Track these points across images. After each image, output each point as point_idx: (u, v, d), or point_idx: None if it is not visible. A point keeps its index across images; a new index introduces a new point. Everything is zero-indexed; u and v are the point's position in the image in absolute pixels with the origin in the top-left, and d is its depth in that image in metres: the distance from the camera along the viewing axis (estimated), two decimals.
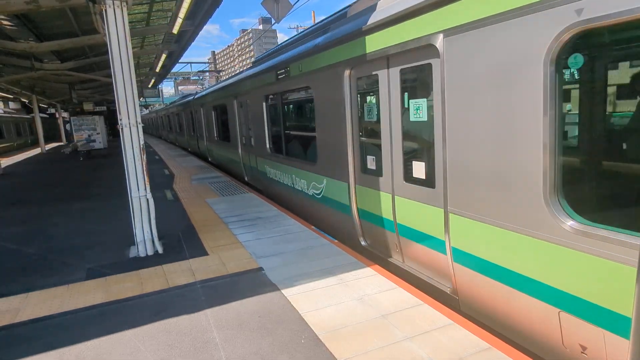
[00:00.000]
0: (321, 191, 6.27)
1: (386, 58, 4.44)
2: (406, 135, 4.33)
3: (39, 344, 3.39)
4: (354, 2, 5.74)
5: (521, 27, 2.86)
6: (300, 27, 38.73)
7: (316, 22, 7.93)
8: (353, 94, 5.21)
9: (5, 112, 31.54)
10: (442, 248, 3.88)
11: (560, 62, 2.70)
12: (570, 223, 2.69)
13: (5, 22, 10.67)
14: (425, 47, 3.82)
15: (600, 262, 2.52)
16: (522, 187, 2.98)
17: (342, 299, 3.85)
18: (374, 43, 4.52)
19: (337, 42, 5.31)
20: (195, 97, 18.05)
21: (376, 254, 5.13)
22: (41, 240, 6.44)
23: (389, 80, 4.47)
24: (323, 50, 5.71)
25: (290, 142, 7.81)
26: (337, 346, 3.10)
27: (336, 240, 5.53)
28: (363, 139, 5.16)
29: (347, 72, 5.19)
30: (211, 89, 15.37)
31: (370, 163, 5.01)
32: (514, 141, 3.02)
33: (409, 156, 4.31)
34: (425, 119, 4.01)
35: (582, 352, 2.76)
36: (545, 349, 3.05)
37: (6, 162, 20.43)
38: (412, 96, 4.21)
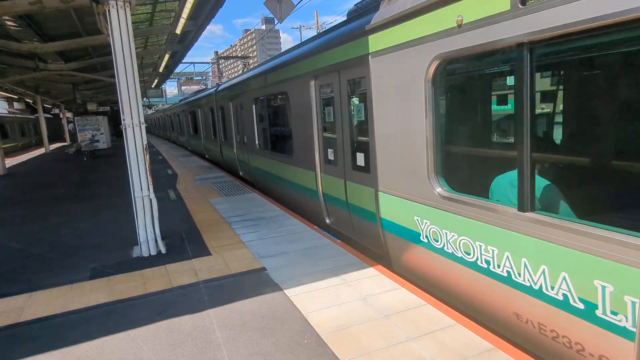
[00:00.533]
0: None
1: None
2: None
3: (43, 343, 3.40)
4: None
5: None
6: (304, 27, 38.74)
7: (319, 24, 8.00)
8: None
9: (9, 112, 31.71)
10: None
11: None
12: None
13: (9, 23, 10.73)
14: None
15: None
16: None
17: (345, 299, 3.85)
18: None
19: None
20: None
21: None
22: (45, 240, 6.47)
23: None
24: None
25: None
26: (340, 346, 3.10)
27: (339, 241, 5.52)
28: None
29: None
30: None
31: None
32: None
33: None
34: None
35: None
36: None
37: (11, 162, 20.53)
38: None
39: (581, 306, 2.62)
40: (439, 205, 3.78)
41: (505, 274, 3.16)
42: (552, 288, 2.79)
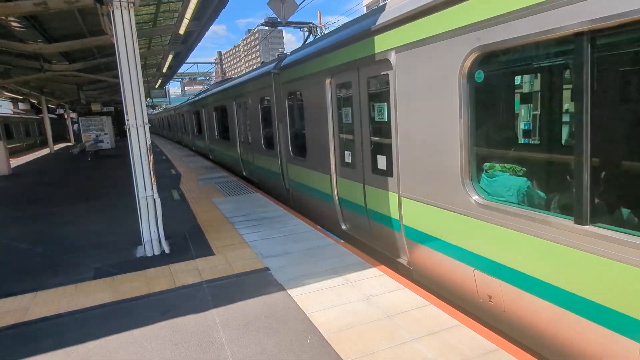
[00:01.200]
0: None
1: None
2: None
3: (48, 342, 3.42)
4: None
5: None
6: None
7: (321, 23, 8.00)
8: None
9: (14, 112, 31.91)
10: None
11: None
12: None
13: (14, 24, 10.80)
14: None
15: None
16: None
17: (348, 300, 3.84)
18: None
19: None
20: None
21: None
22: (50, 239, 6.50)
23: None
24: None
25: None
26: (343, 347, 3.10)
27: (342, 241, 5.52)
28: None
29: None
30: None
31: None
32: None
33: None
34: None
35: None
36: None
37: (16, 162, 20.66)
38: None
39: None
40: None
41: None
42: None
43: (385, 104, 4.61)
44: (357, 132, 5.27)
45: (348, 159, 5.63)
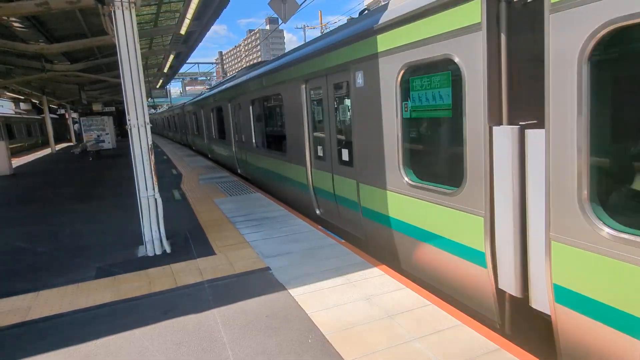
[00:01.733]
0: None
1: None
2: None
3: (50, 342, 3.43)
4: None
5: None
6: (308, 27, 38.79)
7: (322, 23, 8.05)
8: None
9: (16, 112, 31.97)
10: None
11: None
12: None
13: (16, 24, 10.82)
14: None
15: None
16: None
17: (349, 299, 3.85)
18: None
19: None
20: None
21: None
22: (51, 239, 6.52)
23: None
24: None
25: None
26: (345, 346, 3.10)
27: (343, 240, 5.53)
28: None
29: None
30: None
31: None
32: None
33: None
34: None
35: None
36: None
37: (17, 162, 20.71)
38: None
39: None
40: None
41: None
42: None
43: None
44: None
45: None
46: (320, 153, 6.51)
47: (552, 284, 2.86)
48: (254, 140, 10.17)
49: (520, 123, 3.21)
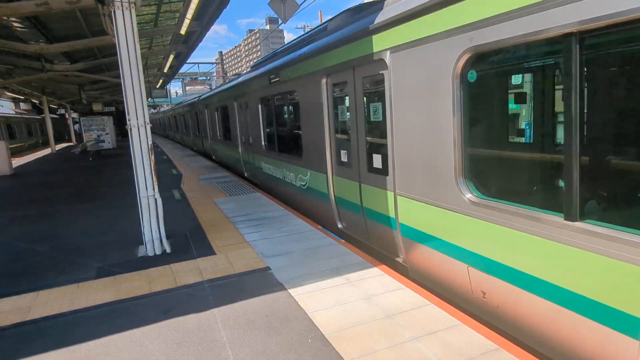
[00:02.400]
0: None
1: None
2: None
3: (50, 341, 3.44)
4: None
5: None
6: (308, 26, 38.79)
7: (323, 22, 7.86)
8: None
9: (16, 112, 31.98)
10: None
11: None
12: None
13: (16, 25, 10.83)
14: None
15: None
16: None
17: (349, 299, 3.85)
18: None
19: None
20: None
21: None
22: (52, 239, 6.53)
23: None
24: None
25: None
26: (344, 346, 3.11)
27: (343, 240, 5.53)
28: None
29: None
30: None
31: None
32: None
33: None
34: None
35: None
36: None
37: (17, 162, 20.71)
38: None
39: None
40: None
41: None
42: None
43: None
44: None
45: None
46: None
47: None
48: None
49: None
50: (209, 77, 53.37)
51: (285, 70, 7.38)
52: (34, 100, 28.73)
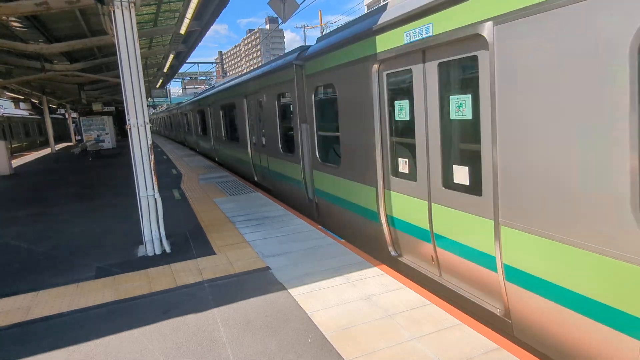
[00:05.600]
0: None
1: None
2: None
3: (49, 341, 3.43)
4: None
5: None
6: (308, 26, 38.80)
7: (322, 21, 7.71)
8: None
9: (16, 112, 32.00)
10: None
11: None
12: None
13: (16, 24, 10.82)
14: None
15: None
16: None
17: (349, 299, 3.85)
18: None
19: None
20: None
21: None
22: (51, 239, 6.52)
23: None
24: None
25: None
26: (344, 346, 3.10)
27: (343, 240, 5.52)
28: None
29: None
30: None
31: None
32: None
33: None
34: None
35: None
36: None
37: (17, 162, 20.71)
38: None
39: None
40: None
41: None
42: None
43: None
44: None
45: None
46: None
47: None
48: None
49: None
50: (209, 77, 53.36)
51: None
52: (33, 100, 28.75)
